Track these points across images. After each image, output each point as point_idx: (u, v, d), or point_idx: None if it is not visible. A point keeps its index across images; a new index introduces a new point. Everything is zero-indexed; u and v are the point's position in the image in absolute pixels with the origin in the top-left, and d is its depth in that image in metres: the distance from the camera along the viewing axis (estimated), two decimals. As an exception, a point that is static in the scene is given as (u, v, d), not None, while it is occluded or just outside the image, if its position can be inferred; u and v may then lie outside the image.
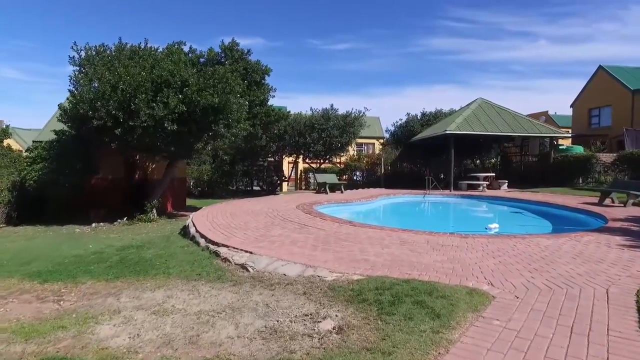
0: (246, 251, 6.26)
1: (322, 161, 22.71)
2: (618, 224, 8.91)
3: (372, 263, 5.39)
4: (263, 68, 14.12)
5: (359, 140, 44.22)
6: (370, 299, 4.01)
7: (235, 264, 5.89)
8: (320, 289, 4.52)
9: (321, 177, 18.02)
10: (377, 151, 34.21)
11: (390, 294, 4.07)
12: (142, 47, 12.84)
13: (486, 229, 9.37)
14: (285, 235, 7.50)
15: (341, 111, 21.21)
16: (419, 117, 26.74)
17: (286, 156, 25.33)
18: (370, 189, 21.36)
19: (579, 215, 11.98)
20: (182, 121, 10.99)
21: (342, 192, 17.79)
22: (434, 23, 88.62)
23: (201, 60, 14.10)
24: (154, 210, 12.71)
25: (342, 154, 21.84)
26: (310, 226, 8.49)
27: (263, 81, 14.55)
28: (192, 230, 8.58)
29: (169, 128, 10.38)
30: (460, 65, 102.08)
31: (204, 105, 10.73)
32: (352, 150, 28.24)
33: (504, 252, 5.98)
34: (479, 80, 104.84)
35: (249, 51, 14.32)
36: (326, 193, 17.04)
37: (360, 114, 20.81)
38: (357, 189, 22.10)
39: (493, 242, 6.74)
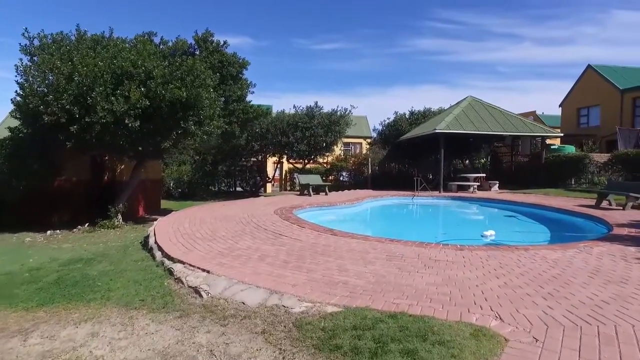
0: (203, 270, 5.25)
1: (306, 161, 21.72)
2: (625, 231, 8.11)
3: (352, 287, 4.42)
4: (240, 61, 13.06)
5: (346, 140, 43.33)
6: (345, 345, 3.04)
7: (188, 287, 4.88)
8: (284, 326, 3.54)
9: (304, 179, 17.02)
10: (364, 151, 33.36)
11: (372, 337, 3.11)
12: (108, 37, 11.73)
13: (482, 236, 8.52)
14: (255, 248, 6.50)
15: (327, 109, 20.30)
16: (407, 116, 25.94)
17: (270, 156, 24.29)
18: (357, 190, 20.46)
19: (577, 219, 11.24)
20: (147, 118, 9.92)
21: (326, 194, 16.82)
22: (421, 24, 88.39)
23: (173, 52, 13.00)
24: (119, 216, 11.57)
25: (328, 153, 20.88)
26: (285, 236, 7.50)
27: (240, 75, 13.50)
28: (151, 240, 7.54)
29: (130, 125, 9.29)
30: (447, 65, 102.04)
31: (171, 99, 9.66)
32: (338, 150, 27.35)
33: (508, 270, 5.08)
34: (465, 80, 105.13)
35: (225, 43, 13.27)
36: (309, 195, 16.06)
37: (346, 112, 19.87)
38: (343, 190, 21.18)
39: (493, 256, 5.84)
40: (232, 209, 11.90)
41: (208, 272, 5.16)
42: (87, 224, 11.25)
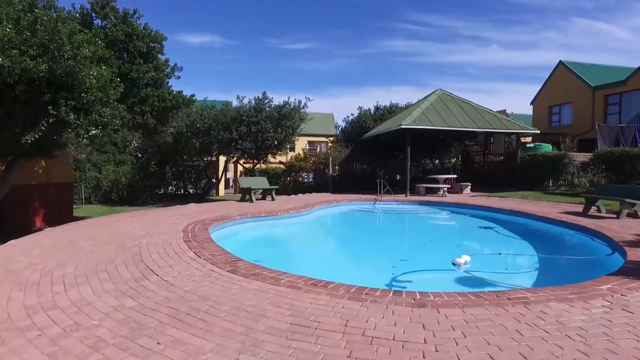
0: None
1: (255, 161, 19.01)
2: (645, 255, 5.91)
3: None
4: (152, 34, 10.22)
5: (311, 139, 40.94)
6: None
7: None
8: None
9: (246, 182, 14.31)
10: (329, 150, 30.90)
11: None
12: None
13: (453, 264, 6.15)
14: (82, 304, 3.84)
15: (278, 102, 17.66)
16: (372, 112, 23.66)
17: (217, 155, 21.47)
18: (314, 194, 17.96)
19: (568, 231, 9.13)
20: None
21: (273, 199, 14.22)
22: (393, 25, 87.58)
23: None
24: (-23, 234, 8.62)
25: (280, 152, 18.22)
26: (156, 275, 4.85)
27: (154, 53, 10.68)
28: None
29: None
30: (418, 66, 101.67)
31: (25, 74, 6.84)
32: (300, 149, 24.88)
33: (506, 366, 2.64)
34: (436, 82, 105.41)
35: (135, 12, 10.41)
36: (251, 201, 13.40)
37: (300, 105, 17.28)
38: (302, 193, 18.68)
39: (475, 322, 3.39)
40: (137, 222, 9.14)
41: None
42: None
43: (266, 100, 17.17)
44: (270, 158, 18.83)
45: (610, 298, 3.94)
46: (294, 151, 29.05)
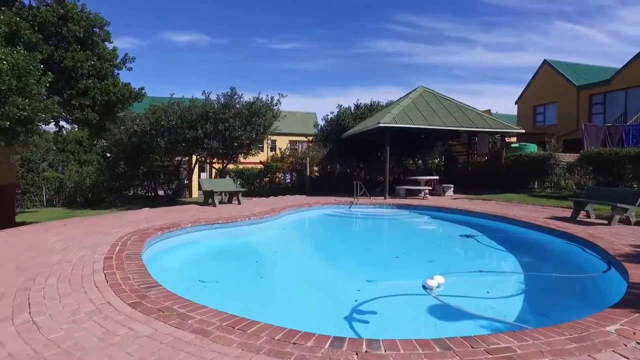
0: None
1: (226, 162, 17.79)
2: (650, 274, 4.95)
3: None
4: (90, 17, 8.94)
5: (292, 138, 39.84)
6: None
7: None
8: None
9: (208, 184, 13.12)
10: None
11: None
12: None
13: (424, 287, 5.11)
14: None
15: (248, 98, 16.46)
16: (352, 110, 22.62)
17: (192, 155, 20.19)
18: (288, 196, 16.87)
19: (557, 240, 8.23)
20: None
21: (239, 202, 13.06)
22: (380, 26, 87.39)
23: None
24: None
25: (252, 152, 17.04)
26: (29, 313, 3.67)
27: (97, 40, 9.42)
28: None
29: None
30: (405, 67, 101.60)
31: None
32: (281, 149, 23.73)
33: None
34: (423, 82, 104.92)
35: (73, -8, 9.13)
36: (214, 205, 12.23)
37: (273, 102, 16.13)
38: (277, 195, 17.54)
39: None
40: (68, 231, 7.93)
41: None
42: None
43: (235, 97, 15.99)
44: (247, 158, 17.65)
45: (624, 349, 2.91)
46: (274, 151, 27.92)
